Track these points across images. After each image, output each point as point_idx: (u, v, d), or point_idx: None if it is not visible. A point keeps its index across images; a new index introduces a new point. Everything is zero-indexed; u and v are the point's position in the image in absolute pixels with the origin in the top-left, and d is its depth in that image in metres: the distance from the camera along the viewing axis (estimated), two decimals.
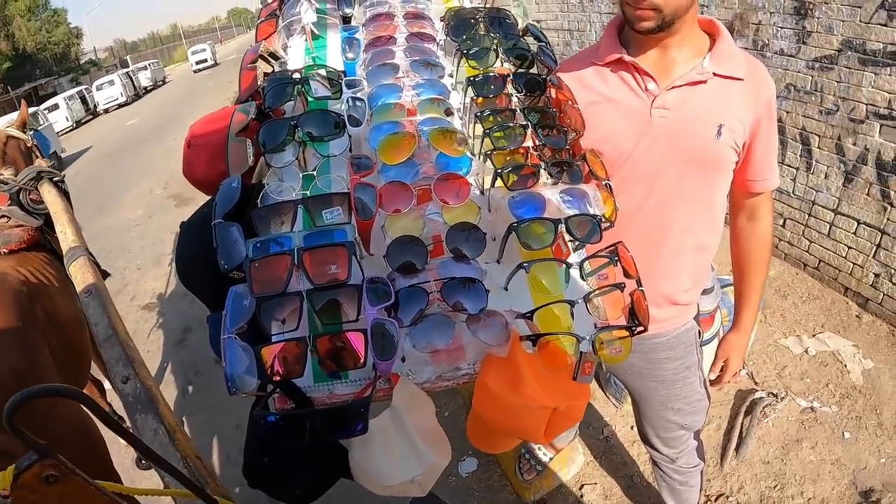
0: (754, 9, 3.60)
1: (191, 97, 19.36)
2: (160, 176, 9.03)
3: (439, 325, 0.72)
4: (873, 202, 3.16)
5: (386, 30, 1.05)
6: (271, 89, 0.88)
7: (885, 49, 2.90)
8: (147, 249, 5.91)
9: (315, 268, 0.69)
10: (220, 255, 0.71)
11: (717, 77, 1.19)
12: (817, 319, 3.26)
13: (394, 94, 0.94)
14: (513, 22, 1.09)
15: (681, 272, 1.34)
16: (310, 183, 0.83)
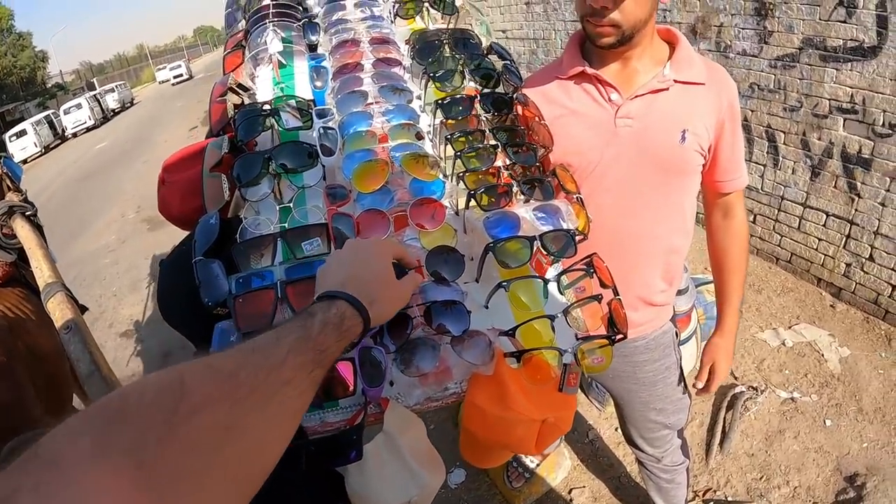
0: (715, 11, 3.69)
1: (159, 118, 19.16)
2: (132, 200, 8.91)
3: (425, 348, 0.73)
4: (841, 194, 3.24)
5: (352, 56, 1.06)
6: (242, 122, 0.88)
7: (845, 45, 2.99)
8: (122, 275, 5.82)
9: (298, 300, 0.70)
10: (202, 292, 0.71)
11: (679, 84, 1.21)
12: (792, 311, 3.33)
13: (364, 122, 0.95)
14: (477, 42, 1.10)
15: (654, 275, 1.37)
16: (287, 215, 0.83)
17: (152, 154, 12.55)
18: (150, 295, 5.07)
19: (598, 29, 1.13)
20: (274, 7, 1.11)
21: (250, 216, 0.82)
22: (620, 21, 1.10)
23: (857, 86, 2.99)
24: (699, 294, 2.73)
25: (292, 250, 0.77)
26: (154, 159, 11.91)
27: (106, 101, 27.64)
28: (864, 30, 2.87)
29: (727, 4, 3.60)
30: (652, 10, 1.15)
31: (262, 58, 1.04)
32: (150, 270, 5.68)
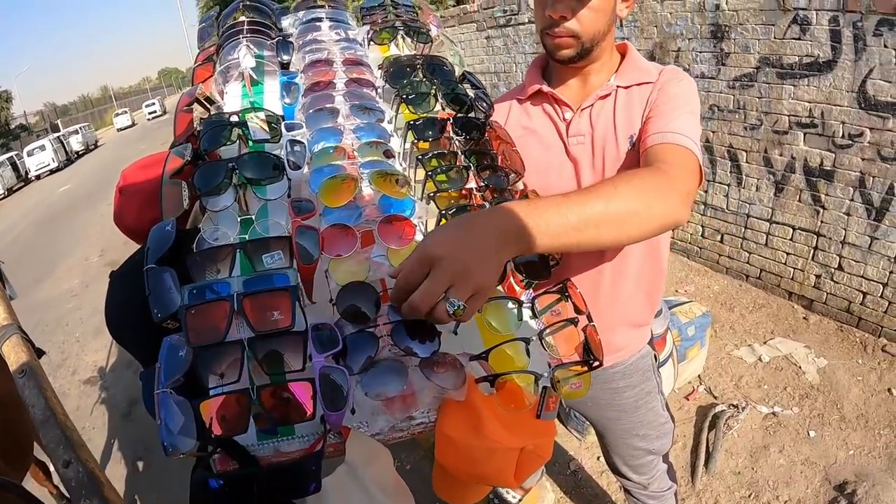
0: (673, 36, 3.79)
1: (123, 161, 18.84)
2: (95, 243, 8.70)
3: (391, 370, 0.68)
4: (805, 207, 3.31)
5: (325, 75, 1.04)
6: (207, 132, 0.85)
7: (800, 61, 3.09)
8: (86, 321, 5.61)
9: (256, 314, 0.64)
10: (152, 303, 0.65)
11: (622, 89, 1.20)
12: (766, 327, 3.35)
13: (334, 138, 0.92)
14: (450, 69, 1.09)
15: (637, 293, 1.33)
16: (248, 227, 0.79)
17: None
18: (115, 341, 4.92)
19: (557, 41, 1.13)
20: (248, 24, 1.09)
21: (209, 227, 0.77)
22: (579, 31, 1.10)
23: (815, 100, 3.08)
24: (673, 315, 2.73)
25: (252, 263, 0.72)
26: None
27: (70, 143, 27.21)
28: (819, 45, 2.97)
29: (684, 29, 3.71)
30: (609, 23, 1.15)
31: (233, 73, 1.02)
32: None
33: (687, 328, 2.74)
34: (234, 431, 0.60)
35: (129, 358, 4.46)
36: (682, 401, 2.83)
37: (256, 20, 1.12)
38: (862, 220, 3.04)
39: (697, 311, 2.85)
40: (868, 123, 2.88)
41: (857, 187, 3.01)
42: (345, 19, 1.26)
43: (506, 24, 5.39)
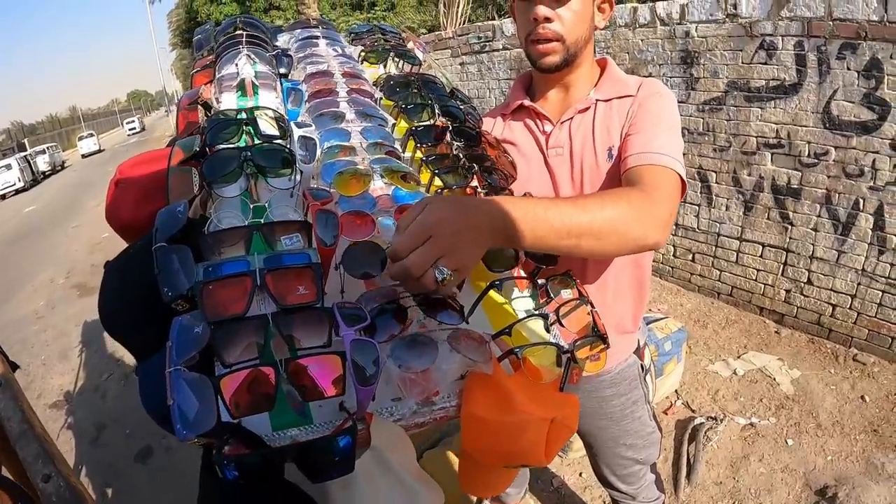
0: (644, 62, 3.92)
1: (91, 183, 18.51)
2: (62, 265, 8.45)
3: (420, 343, 0.68)
4: (774, 224, 3.43)
5: (327, 85, 1.06)
6: (214, 126, 0.83)
7: (767, 84, 3.23)
8: (51, 343, 5.42)
9: (281, 289, 0.63)
10: (162, 281, 0.62)
11: (602, 102, 1.23)
12: (739, 342, 3.43)
13: (343, 137, 0.94)
14: (441, 86, 1.14)
15: (616, 298, 1.34)
16: (261, 214, 0.77)
17: (83, 219, 12.05)
18: (82, 364, 4.77)
19: (542, 47, 1.16)
20: (248, 36, 1.11)
21: (218, 216, 0.75)
22: (563, 33, 1.14)
23: (781, 121, 3.21)
24: (650, 331, 2.78)
25: (270, 245, 0.70)
26: (85, 223, 11.40)
27: (37, 162, 26.28)
28: (785, 69, 3.12)
29: (655, 55, 3.84)
30: (590, 31, 1.19)
31: (229, 84, 1.01)
32: (80, 338, 5.34)
33: (663, 343, 2.79)
34: (260, 408, 0.56)
35: (97, 381, 4.35)
36: (661, 415, 2.86)
37: (254, 33, 1.15)
38: (829, 235, 3.16)
39: (673, 326, 2.90)
40: (833, 142, 3.02)
41: (824, 204, 3.14)
42: (339, 39, 1.31)
43: (480, 50, 5.48)
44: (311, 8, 12.49)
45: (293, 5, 16.44)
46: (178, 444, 0.54)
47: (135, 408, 3.83)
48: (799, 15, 2.99)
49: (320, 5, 16.20)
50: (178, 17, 30.20)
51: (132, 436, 3.57)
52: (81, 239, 10.00)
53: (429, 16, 17.15)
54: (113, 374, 4.46)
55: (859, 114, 2.89)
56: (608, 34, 4.12)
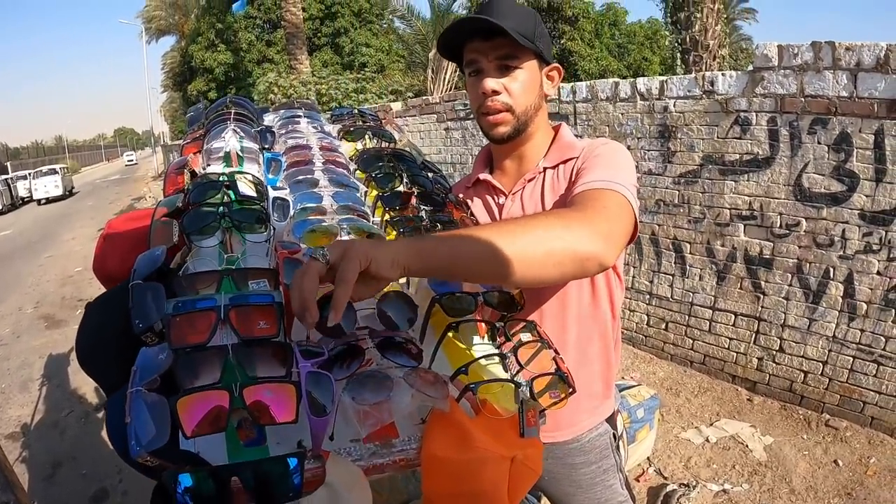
0: (623, 135, 4.06)
1: (68, 215, 18.32)
2: (31, 294, 8.27)
3: (376, 380, 0.69)
4: (747, 294, 3.50)
5: (304, 156, 1.14)
6: (197, 188, 0.89)
7: (741, 158, 3.37)
8: (13, 373, 5.25)
9: (242, 323, 0.66)
10: (134, 314, 0.65)
11: (549, 169, 1.27)
12: (712, 409, 3.43)
13: (315, 200, 1.00)
14: (412, 158, 1.21)
15: (586, 362, 1.33)
16: (234, 263, 0.82)
17: (57, 250, 11.88)
18: (42, 397, 4.63)
19: (493, 118, 1.21)
20: (236, 113, 1.20)
21: (195, 260, 0.80)
22: (511, 103, 1.19)
23: (754, 194, 3.33)
24: (623, 398, 2.78)
25: (239, 288, 0.73)
26: (59, 255, 11.21)
27: (17, 187, 25.85)
28: (758, 143, 3.26)
29: (634, 129, 3.99)
30: (539, 99, 1.24)
31: (217, 157, 1.08)
32: (43, 371, 5.19)
33: (636, 410, 2.79)
34: (213, 429, 0.58)
35: (57, 417, 4.22)
36: (633, 482, 2.82)
37: (241, 112, 1.24)
38: (800, 303, 3.24)
39: (646, 393, 2.91)
40: (804, 213, 3.14)
41: (795, 273, 3.23)
42: (321, 119, 1.40)
43: (465, 116, 5.64)
44: (303, 64, 12.86)
45: (285, 59, 16.90)
46: (134, 487, 0.53)
47: (92, 448, 3.72)
48: (773, 92, 3.15)
49: (312, 63, 16.57)
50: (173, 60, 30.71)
51: (88, 477, 3.45)
52: (54, 270, 9.82)
53: (417, 80, 17.73)
54: (73, 412, 4.32)
55: (829, 186, 3.01)
56: (589, 107, 4.28)
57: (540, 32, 1.20)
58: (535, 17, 1.22)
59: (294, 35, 13.03)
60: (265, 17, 23.04)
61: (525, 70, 1.19)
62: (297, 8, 13.10)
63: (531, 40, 1.15)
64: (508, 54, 1.16)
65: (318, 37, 22.88)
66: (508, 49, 1.15)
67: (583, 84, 4.38)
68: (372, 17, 24.47)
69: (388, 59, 22.94)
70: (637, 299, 4.26)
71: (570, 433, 1.35)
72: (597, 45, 19.11)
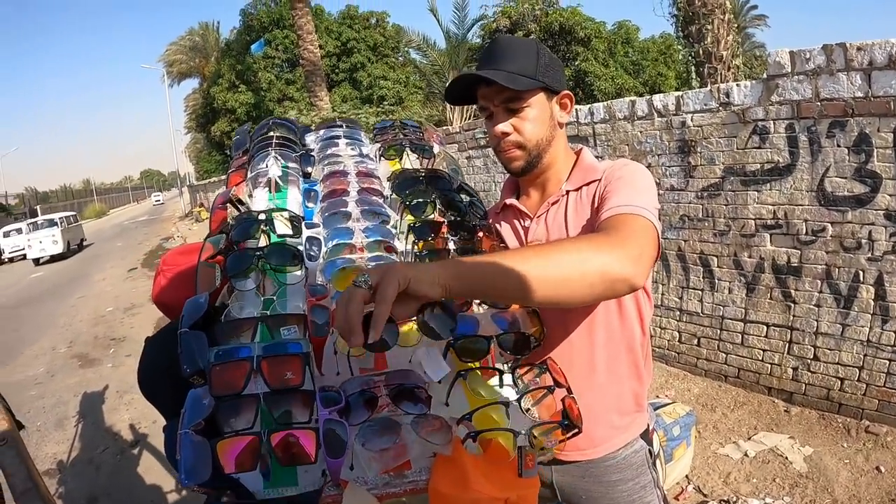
0: (644, 153, 4.07)
1: (98, 256, 18.78)
2: (64, 334, 8.47)
3: (386, 426, 0.78)
4: (777, 304, 3.44)
5: (340, 184, 1.18)
6: (238, 226, 0.98)
7: (762, 168, 3.34)
8: (48, 411, 5.36)
9: (272, 373, 0.74)
10: (183, 360, 0.75)
11: (572, 192, 1.30)
12: (749, 423, 3.37)
13: (346, 236, 1.05)
14: (448, 180, 1.24)
15: (615, 378, 1.32)
16: (270, 306, 0.90)
17: (88, 290, 12.17)
18: (78, 434, 4.71)
19: (507, 154, 1.26)
20: (277, 138, 1.24)
21: (235, 306, 0.88)
22: (523, 141, 1.24)
23: (778, 202, 3.30)
24: (658, 416, 2.75)
25: (272, 334, 0.81)
26: (90, 295, 11.47)
27: None
28: (778, 151, 3.24)
29: (654, 146, 3.99)
30: (551, 129, 1.27)
31: (261, 181, 1.14)
32: (78, 409, 5.30)
33: (672, 428, 2.75)
34: (244, 468, 0.69)
35: (92, 454, 4.29)
36: (673, 501, 2.79)
37: (284, 136, 1.27)
38: (832, 309, 3.18)
39: (681, 410, 2.87)
40: (829, 218, 3.10)
41: (825, 279, 3.18)
42: (360, 137, 1.42)
43: (486, 144, 5.70)
44: (323, 101, 13.11)
45: (305, 97, 17.13)
46: None
47: (127, 484, 3.76)
48: (788, 98, 3.14)
49: (331, 99, 16.83)
50: (195, 102, 31.51)
51: None
52: (86, 310, 10.05)
53: (436, 110, 17.94)
54: (108, 449, 4.39)
55: (852, 188, 2.98)
56: (608, 127, 4.30)
57: (544, 64, 1.23)
58: (536, 50, 1.25)
59: (312, 73, 13.28)
60: (284, 56, 23.64)
61: (532, 107, 1.22)
62: (315, 46, 13.34)
63: (534, 77, 1.19)
64: (512, 97, 1.21)
65: (335, 72, 23.42)
66: (511, 92, 1.19)
67: (600, 105, 4.41)
68: (388, 50, 24.98)
69: (406, 91, 23.36)
70: (667, 316, 4.23)
71: (604, 450, 1.34)
72: (611, 64, 19.18)
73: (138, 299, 10.26)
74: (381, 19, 25.71)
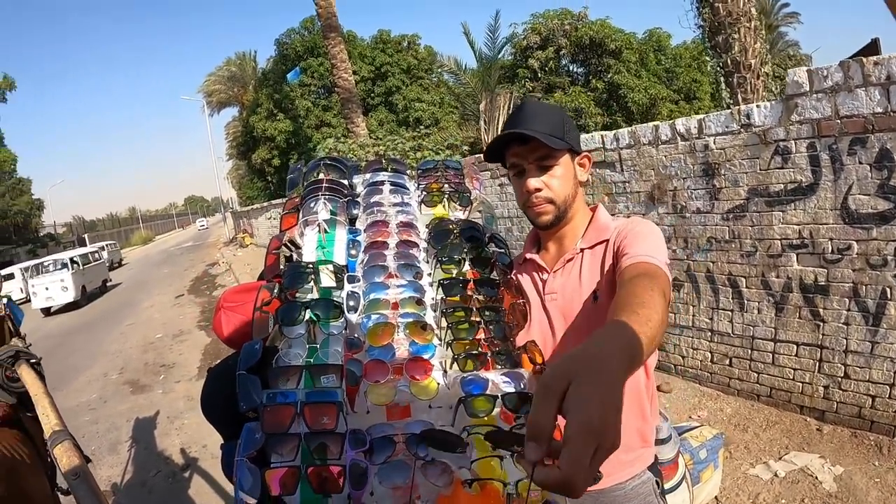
0: (669, 177, 4.14)
1: (145, 283, 19.34)
2: (114, 360, 8.84)
3: (400, 467, 0.92)
4: (806, 323, 3.46)
5: (381, 235, 1.31)
6: (290, 275, 1.14)
7: (785, 188, 3.39)
8: (101, 435, 5.61)
9: (312, 417, 0.90)
10: (240, 397, 0.91)
11: (587, 250, 1.42)
12: (780, 443, 3.37)
13: (382, 291, 1.19)
14: (480, 233, 1.35)
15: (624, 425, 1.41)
16: (313, 353, 1.05)
17: (137, 318, 12.59)
18: (131, 458, 4.93)
19: (537, 209, 1.39)
20: (327, 182, 1.39)
21: (285, 348, 1.04)
22: (553, 196, 1.37)
23: (802, 222, 3.34)
24: (684, 441, 2.78)
25: (313, 380, 0.97)
26: (139, 322, 11.88)
27: None
28: (801, 171, 3.28)
29: (678, 170, 4.06)
30: (575, 187, 1.41)
31: (312, 222, 1.30)
32: (131, 433, 5.53)
33: (699, 451, 2.78)
34: (285, 492, 0.85)
35: (145, 477, 4.51)
36: None
37: (333, 179, 1.42)
38: (861, 327, 3.19)
39: (708, 433, 2.89)
40: (854, 236, 3.12)
41: (852, 297, 3.19)
42: (403, 182, 1.52)
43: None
44: (360, 126, 13.33)
45: (342, 123, 17.45)
46: None
47: None
48: (808, 117, 3.19)
49: (368, 123, 17.01)
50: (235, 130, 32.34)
51: None
52: (135, 337, 10.43)
53: (471, 132, 18.03)
54: (160, 472, 4.58)
55: (876, 205, 3.00)
56: (633, 153, 4.39)
57: (569, 127, 1.37)
58: (562, 114, 1.40)
59: (348, 100, 13.48)
60: (319, 83, 24.00)
61: (560, 165, 1.36)
62: (349, 73, 13.53)
63: (561, 137, 1.33)
64: (545, 155, 1.34)
65: (371, 97, 23.74)
66: (544, 150, 1.33)
67: (624, 131, 4.51)
68: (421, 72, 25.19)
69: (442, 112, 23.55)
70: (699, 337, 4.26)
71: (612, 481, 1.44)
72: (643, 74, 19.07)
73: (186, 325, 10.62)
74: (413, 42, 25.98)
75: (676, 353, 4.47)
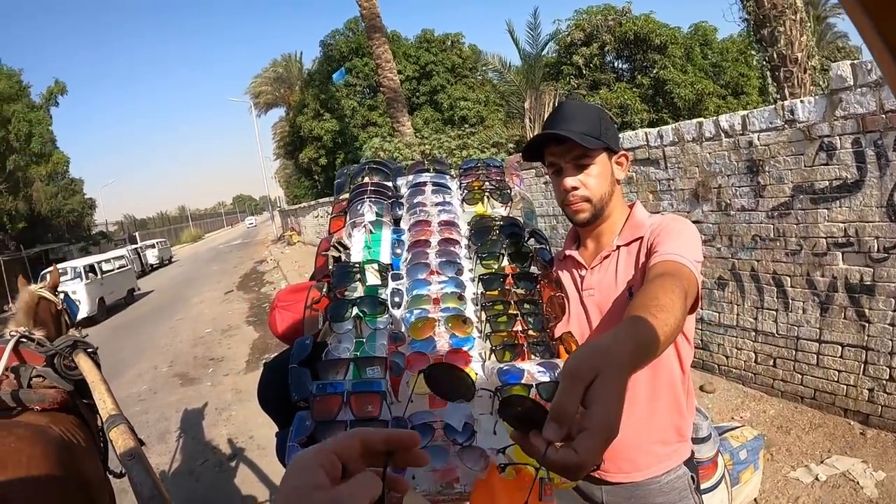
0: (713, 174, 4.09)
1: (195, 279, 19.94)
2: (164, 354, 9.15)
3: (439, 451, 0.97)
4: (851, 324, 3.38)
5: (424, 234, 1.38)
6: (338, 274, 1.22)
7: (830, 185, 3.32)
8: (152, 425, 5.83)
9: (357, 405, 0.97)
10: (292, 389, 0.99)
11: (623, 247, 1.45)
12: (823, 446, 3.31)
13: (425, 287, 1.26)
14: (521, 229, 1.39)
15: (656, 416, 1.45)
16: (360, 346, 1.13)
17: (186, 313, 12.98)
18: (179, 447, 5.12)
19: (574, 207, 1.43)
20: (372, 185, 1.46)
21: (334, 343, 1.13)
22: (589, 195, 1.40)
23: (848, 220, 3.27)
24: (724, 440, 2.76)
25: (360, 371, 1.04)
26: (188, 318, 12.27)
27: (146, 255, 28.23)
28: (846, 167, 3.21)
29: (723, 167, 4.01)
30: (612, 185, 1.44)
31: (359, 224, 1.38)
32: (180, 424, 5.74)
33: (738, 452, 2.75)
34: None
35: (193, 465, 4.71)
36: None
37: (378, 182, 1.49)
38: None
39: (749, 434, 2.85)
40: None
41: None
42: (445, 182, 1.57)
43: None
44: (405, 125, 13.41)
45: (388, 122, 17.58)
46: None
47: (225, 495, 4.11)
48: (853, 112, 3.12)
49: (414, 122, 17.05)
50: (282, 130, 32.76)
51: None
52: (185, 332, 10.78)
53: (517, 130, 17.97)
54: (208, 461, 4.76)
55: None
56: (677, 150, 4.35)
57: (606, 126, 1.41)
58: (599, 113, 1.43)
59: (394, 99, 13.53)
60: (364, 83, 24.17)
61: (597, 164, 1.40)
62: (394, 73, 13.53)
63: (598, 137, 1.37)
64: (581, 154, 1.38)
65: (416, 96, 23.84)
66: (580, 150, 1.37)
67: (668, 128, 4.47)
68: (466, 70, 25.14)
69: (487, 111, 23.44)
70: (743, 337, 4.20)
71: (647, 474, 1.47)
72: (689, 69, 18.73)
73: (234, 321, 10.89)
74: (457, 41, 25.92)
75: (720, 353, 4.42)
